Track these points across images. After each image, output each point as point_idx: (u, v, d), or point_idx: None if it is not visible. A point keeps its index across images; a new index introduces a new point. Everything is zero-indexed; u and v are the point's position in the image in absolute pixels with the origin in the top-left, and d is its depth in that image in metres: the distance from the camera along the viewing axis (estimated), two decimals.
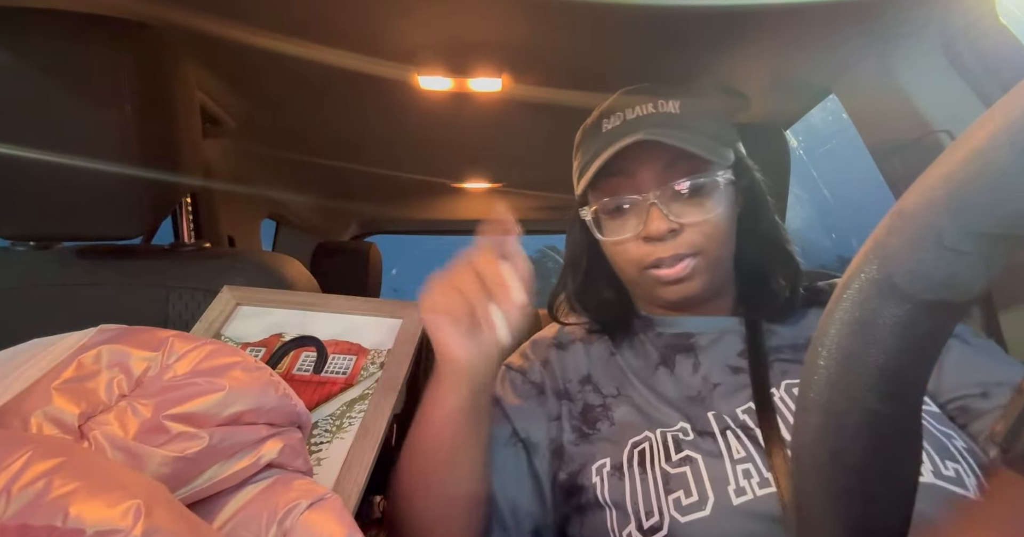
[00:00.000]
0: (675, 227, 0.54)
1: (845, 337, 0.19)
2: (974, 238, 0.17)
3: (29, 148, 0.62)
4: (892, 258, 0.18)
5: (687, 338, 0.59)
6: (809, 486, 0.21)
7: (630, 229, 0.56)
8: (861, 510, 0.20)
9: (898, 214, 0.18)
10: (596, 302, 0.64)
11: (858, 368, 0.19)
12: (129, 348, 0.44)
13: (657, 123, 0.55)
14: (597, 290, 0.64)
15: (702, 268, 0.55)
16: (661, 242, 0.54)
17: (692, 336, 0.59)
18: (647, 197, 0.54)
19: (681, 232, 0.54)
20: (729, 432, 0.49)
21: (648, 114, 0.56)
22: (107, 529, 0.28)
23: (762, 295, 0.59)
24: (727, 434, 0.49)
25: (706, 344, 0.58)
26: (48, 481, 0.29)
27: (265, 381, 0.44)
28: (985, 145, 0.16)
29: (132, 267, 0.73)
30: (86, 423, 0.39)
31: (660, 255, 0.54)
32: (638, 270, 0.57)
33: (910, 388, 0.19)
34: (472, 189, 1.82)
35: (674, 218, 0.54)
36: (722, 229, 0.55)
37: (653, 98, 0.58)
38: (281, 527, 0.39)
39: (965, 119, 0.75)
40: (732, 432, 0.49)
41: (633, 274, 0.58)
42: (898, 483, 0.20)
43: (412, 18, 0.78)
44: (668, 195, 0.54)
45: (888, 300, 0.18)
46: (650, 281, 0.57)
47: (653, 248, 0.55)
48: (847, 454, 0.20)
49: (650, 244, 0.55)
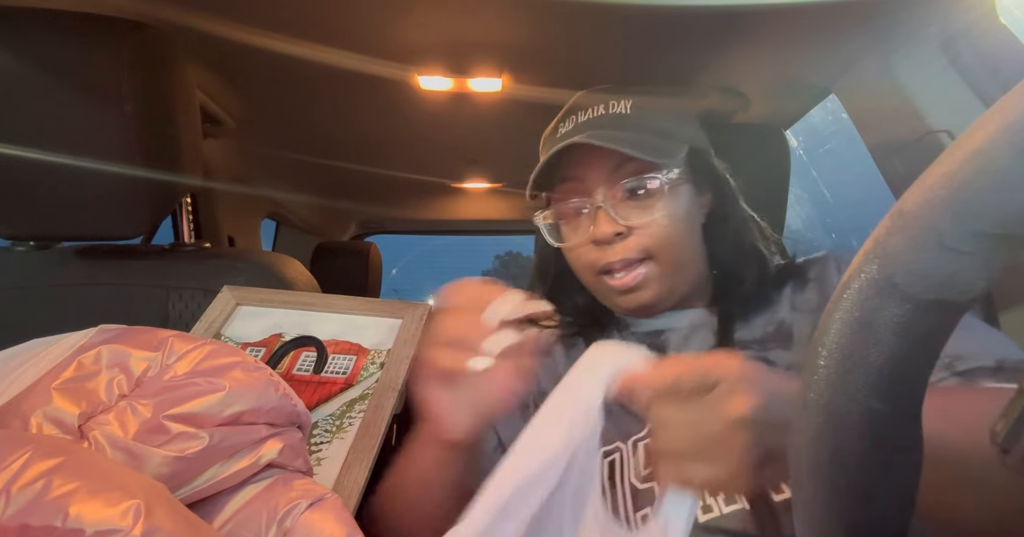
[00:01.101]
0: (621, 230, 0.53)
1: (845, 337, 0.19)
2: (974, 238, 0.17)
3: (29, 148, 0.62)
4: (892, 258, 0.18)
5: (658, 335, 0.58)
6: (809, 486, 0.21)
7: (582, 233, 0.55)
8: (861, 510, 0.20)
9: (898, 214, 0.18)
10: (568, 306, 0.63)
11: (858, 368, 0.19)
12: (129, 348, 0.44)
13: (603, 125, 0.54)
14: (569, 295, 0.63)
15: (655, 276, 0.54)
16: (610, 246, 0.53)
17: (663, 333, 0.58)
18: (595, 200, 0.54)
19: (629, 235, 0.53)
20: None
21: (598, 116, 0.56)
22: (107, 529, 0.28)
23: (733, 293, 0.58)
24: None
25: (677, 341, 0.57)
26: (48, 481, 0.30)
27: (265, 381, 0.44)
28: (985, 145, 0.16)
29: (132, 267, 0.73)
30: (86, 423, 0.39)
31: (609, 259, 0.54)
32: (593, 275, 0.56)
33: (910, 388, 0.19)
34: (472, 189, 1.82)
35: (622, 221, 0.53)
36: (676, 231, 0.54)
37: (606, 99, 0.57)
38: (281, 527, 0.39)
39: (965, 119, 0.75)
40: None
41: (590, 279, 0.58)
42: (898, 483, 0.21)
43: (412, 18, 0.78)
44: (616, 197, 0.54)
45: (888, 300, 0.18)
46: (605, 288, 0.56)
47: (602, 252, 0.54)
48: (847, 454, 0.20)
49: (599, 248, 0.54)
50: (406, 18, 0.78)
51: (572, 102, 0.61)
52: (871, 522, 0.20)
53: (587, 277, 0.58)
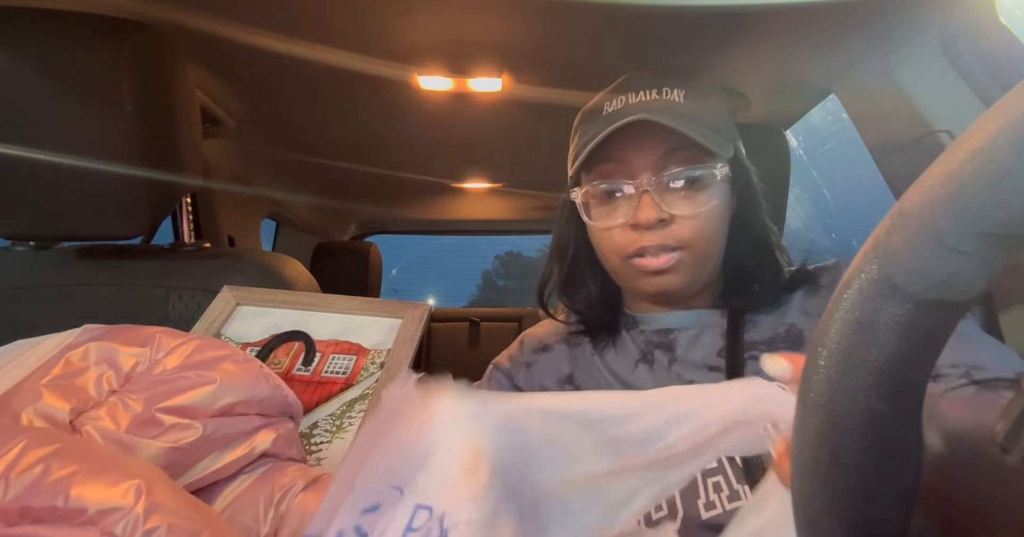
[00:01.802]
0: (665, 217, 0.52)
1: (845, 337, 0.19)
2: (974, 238, 0.17)
3: (29, 148, 0.62)
4: (892, 258, 0.18)
5: (667, 334, 0.58)
6: (809, 486, 0.21)
7: (619, 216, 0.54)
8: (861, 510, 0.20)
9: (898, 214, 0.18)
10: (581, 296, 0.62)
11: (858, 368, 0.19)
12: (116, 345, 0.44)
13: (658, 109, 0.53)
14: (583, 282, 0.63)
15: (686, 263, 0.54)
16: (649, 231, 0.53)
17: (672, 332, 0.58)
18: (640, 184, 0.53)
19: (670, 223, 0.53)
20: None
21: (652, 100, 0.55)
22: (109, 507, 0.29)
23: (744, 294, 0.58)
24: None
25: (686, 340, 0.57)
26: (47, 465, 0.30)
27: (255, 373, 0.45)
28: (985, 145, 0.16)
29: (132, 267, 0.73)
30: (77, 418, 0.39)
31: (645, 243, 0.53)
32: (621, 258, 0.55)
33: (910, 388, 0.19)
34: (472, 189, 1.82)
35: (666, 208, 0.52)
36: (712, 226, 0.54)
37: (658, 85, 0.56)
38: (278, 510, 0.39)
39: (965, 119, 0.75)
40: None
41: (616, 262, 0.57)
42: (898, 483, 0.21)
43: (412, 18, 0.78)
44: (662, 184, 0.53)
45: (888, 300, 0.18)
46: (632, 271, 0.55)
47: (639, 236, 0.53)
48: (847, 454, 0.20)
49: (637, 232, 0.53)
50: (406, 18, 0.78)
51: (617, 84, 0.59)
52: (871, 522, 0.20)
53: (613, 259, 0.57)
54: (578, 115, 0.62)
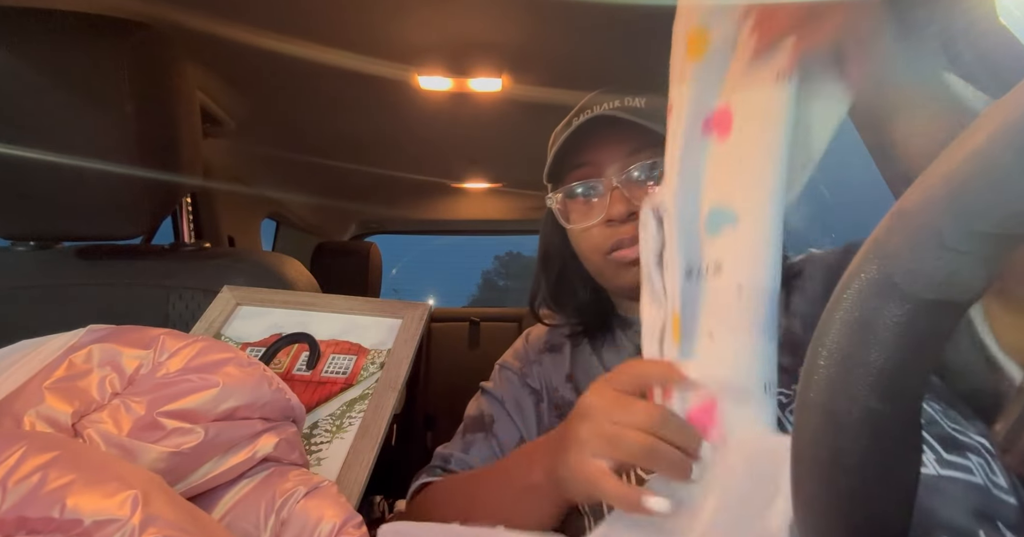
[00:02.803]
0: (635, 210, 0.54)
1: (845, 337, 0.19)
2: (974, 238, 0.17)
3: (30, 148, 0.62)
4: (892, 258, 0.18)
5: None
6: (809, 486, 0.21)
7: (595, 215, 0.57)
8: (861, 510, 0.20)
9: (898, 214, 0.18)
10: (572, 302, 0.64)
11: (858, 368, 0.19)
12: (120, 347, 0.44)
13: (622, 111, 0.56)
14: (572, 289, 0.64)
15: None
16: (623, 225, 0.55)
17: None
18: (610, 182, 0.56)
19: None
20: None
21: (613, 108, 0.57)
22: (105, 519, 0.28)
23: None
24: None
25: None
26: (44, 474, 0.29)
27: (258, 376, 0.44)
28: (985, 145, 0.16)
29: (132, 267, 0.73)
30: (79, 421, 0.39)
31: (620, 237, 0.55)
32: (601, 256, 0.57)
33: (910, 388, 0.19)
34: (472, 189, 1.82)
35: (636, 201, 0.54)
36: None
37: (620, 96, 0.59)
38: (279, 516, 0.39)
39: None
40: None
41: (597, 260, 0.58)
42: (898, 483, 0.21)
43: (412, 18, 0.78)
44: (631, 179, 0.55)
45: (888, 300, 0.18)
46: (612, 266, 0.57)
47: (614, 231, 0.56)
48: (847, 454, 0.20)
49: (611, 227, 0.56)
50: (406, 18, 0.78)
51: (584, 101, 0.62)
52: (871, 522, 0.20)
53: (594, 257, 0.58)
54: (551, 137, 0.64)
